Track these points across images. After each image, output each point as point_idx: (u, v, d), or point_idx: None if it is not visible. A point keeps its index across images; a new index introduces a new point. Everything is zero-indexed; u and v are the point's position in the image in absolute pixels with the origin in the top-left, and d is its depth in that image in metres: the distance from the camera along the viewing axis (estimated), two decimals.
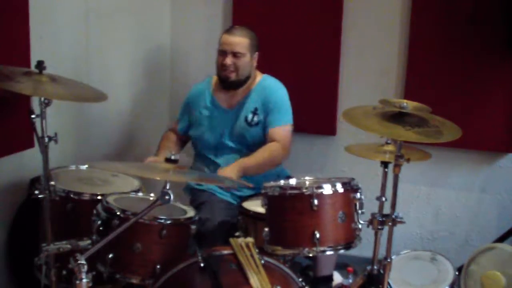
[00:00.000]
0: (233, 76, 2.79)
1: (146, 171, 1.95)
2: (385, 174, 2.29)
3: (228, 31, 2.85)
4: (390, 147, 2.41)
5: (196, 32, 3.63)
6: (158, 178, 1.80)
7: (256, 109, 2.83)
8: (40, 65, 2.02)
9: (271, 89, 2.87)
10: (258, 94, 2.85)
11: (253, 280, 1.88)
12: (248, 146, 2.84)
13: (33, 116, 2.02)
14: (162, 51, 3.65)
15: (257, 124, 2.82)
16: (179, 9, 3.64)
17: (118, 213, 2.05)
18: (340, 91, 3.39)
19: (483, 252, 2.80)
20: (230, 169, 2.63)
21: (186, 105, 3.00)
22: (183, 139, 3.04)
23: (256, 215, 2.33)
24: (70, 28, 2.83)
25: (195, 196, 2.82)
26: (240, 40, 2.78)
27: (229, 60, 2.76)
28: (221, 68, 2.79)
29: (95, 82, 2.27)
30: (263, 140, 2.82)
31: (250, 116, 2.82)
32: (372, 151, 2.45)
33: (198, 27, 3.61)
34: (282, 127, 2.81)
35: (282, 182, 2.28)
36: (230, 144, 2.85)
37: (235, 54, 2.76)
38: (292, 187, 2.13)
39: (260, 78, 2.90)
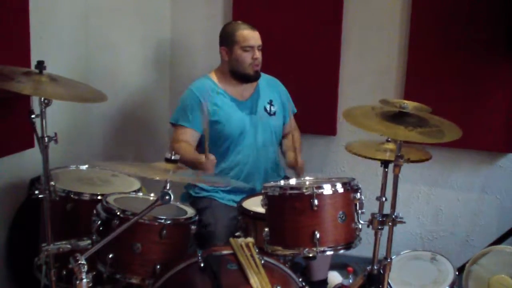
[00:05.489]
0: (259, 69, 2.86)
1: (148, 171, 1.94)
2: (385, 174, 2.28)
3: (246, 27, 2.84)
4: (390, 145, 2.39)
5: (196, 31, 3.62)
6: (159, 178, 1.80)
7: (271, 101, 2.94)
8: (40, 65, 2.01)
9: (276, 82, 3.03)
10: (267, 87, 2.96)
11: (253, 280, 1.88)
12: (267, 134, 2.90)
13: (33, 116, 2.01)
14: (162, 51, 3.65)
15: (274, 114, 2.93)
16: (179, 7, 3.63)
17: (118, 213, 2.05)
18: (340, 91, 3.39)
19: (484, 254, 2.80)
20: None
21: (191, 106, 2.80)
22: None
23: (256, 215, 2.32)
24: (70, 28, 2.84)
25: (194, 203, 2.78)
26: (259, 35, 2.84)
27: (259, 54, 2.82)
28: (254, 63, 2.81)
29: (95, 82, 2.27)
30: (281, 129, 2.98)
31: (268, 106, 2.92)
32: (372, 149, 2.44)
33: (199, 26, 3.61)
34: (292, 116, 3.00)
35: (282, 182, 2.28)
36: (251, 133, 2.85)
37: (258, 48, 2.82)
38: (292, 187, 2.13)
39: None
